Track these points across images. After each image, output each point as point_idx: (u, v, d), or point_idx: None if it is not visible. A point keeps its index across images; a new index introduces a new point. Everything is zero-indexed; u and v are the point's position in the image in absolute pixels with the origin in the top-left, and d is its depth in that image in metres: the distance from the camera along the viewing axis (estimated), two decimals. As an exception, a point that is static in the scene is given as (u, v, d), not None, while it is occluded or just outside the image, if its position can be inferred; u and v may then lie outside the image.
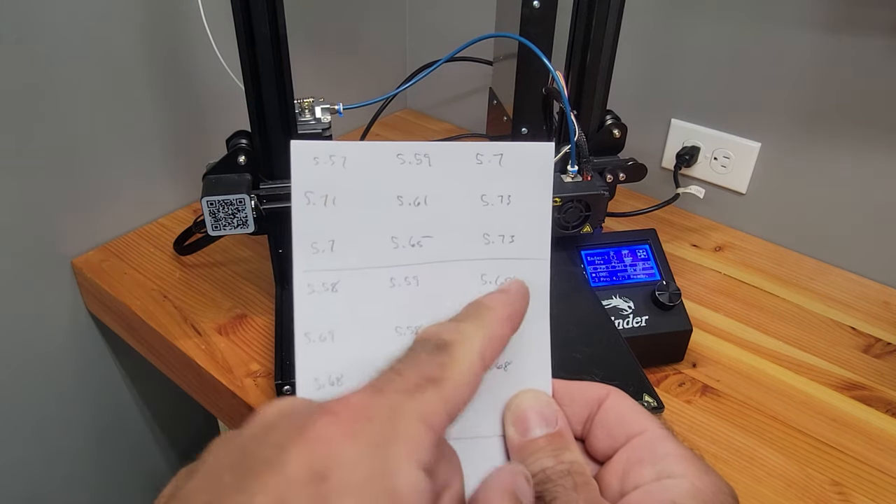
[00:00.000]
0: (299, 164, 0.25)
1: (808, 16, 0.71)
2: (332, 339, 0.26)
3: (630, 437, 0.26)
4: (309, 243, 0.26)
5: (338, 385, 0.25)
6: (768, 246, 0.83)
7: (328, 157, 0.25)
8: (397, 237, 0.26)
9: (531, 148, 0.27)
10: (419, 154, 0.26)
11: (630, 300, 0.62)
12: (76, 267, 0.76)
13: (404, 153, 0.26)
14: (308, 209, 0.25)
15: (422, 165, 0.26)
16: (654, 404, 0.48)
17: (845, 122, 0.73)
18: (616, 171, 0.66)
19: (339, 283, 0.26)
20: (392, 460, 0.18)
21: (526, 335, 0.27)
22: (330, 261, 0.26)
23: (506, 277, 0.27)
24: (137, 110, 0.76)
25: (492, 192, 0.27)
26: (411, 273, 0.26)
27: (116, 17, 0.71)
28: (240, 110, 0.58)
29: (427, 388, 0.20)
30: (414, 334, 0.26)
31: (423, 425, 0.20)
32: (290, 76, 0.56)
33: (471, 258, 0.27)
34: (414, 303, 0.26)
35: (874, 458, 0.55)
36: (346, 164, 0.25)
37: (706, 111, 0.83)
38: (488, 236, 0.27)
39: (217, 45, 0.65)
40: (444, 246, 0.27)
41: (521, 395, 0.27)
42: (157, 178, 0.82)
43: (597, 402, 0.28)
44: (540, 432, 0.26)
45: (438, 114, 1.13)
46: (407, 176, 0.26)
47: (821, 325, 0.70)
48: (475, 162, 0.26)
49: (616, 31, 0.62)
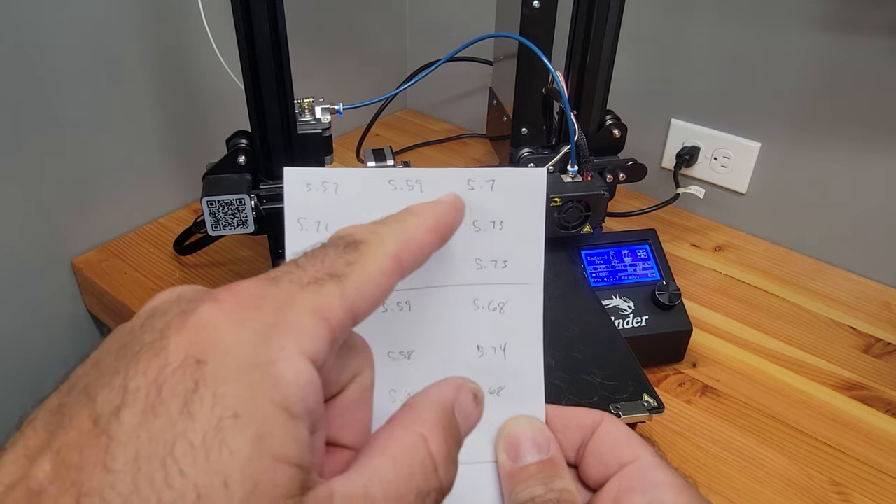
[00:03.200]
0: (292, 190, 0.25)
1: (808, 16, 0.71)
2: None
3: (622, 465, 0.26)
4: None
5: None
6: (768, 246, 0.83)
7: (321, 183, 0.25)
8: None
9: (523, 174, 0.27)
10: (411, 180, 0.26)
11: (630, 300, 0.62)
12: (76, 267, 0.76)
13: (396, 179, 0.26)
14: (301, 235, 0.25)
15: (413, 191, 0.26)
16: (654, 404, 0.48)
17: (845, 121, 0.73)
18: (616, 171, 0.66)
19: None
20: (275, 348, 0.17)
21: (519, 360, 0.27)
22: None
23: (499, 302, 0.27)
24: (137, 110, 0.76)
25: (484, 218, 0.27)
26: (403, 298, 0.26)
27: (116, 18, 0.71)
28: (240, 110, 0.58)
29: (327, 282, 0.19)
30: (407, 360, 0.26)
31: (314, 317, 0.18)
32: (290, 76, 0.56)
33: (463, 283, 0.27)
34: (406, 328, 0.26)
35: (874, 458, 0.55)
36: (339, 191, 0.25)
37: (706, 111, 0.83)
38: (481, 261, 0.27)
39: (217, 45, 0.65)
40: (437, 271, 0.26)
41: (514, 420, 0.27)
42: (157, 178, 0.82)
43: (590, 428, 0.27)
44: (532, 459, 0.26)
45: (438, 114, 1.13)
46: (399, 202, 0.25)
47: (821, 325, 0.70)
48: (467, 188, 0.26)
49: (616, 31, 0.62)
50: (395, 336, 0.26)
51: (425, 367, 0.26)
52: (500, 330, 0.27)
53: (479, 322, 0.27)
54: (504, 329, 0.27)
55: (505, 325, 0.27)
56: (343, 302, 0.19)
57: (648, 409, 0.48)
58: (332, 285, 0.19)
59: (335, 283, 0.19)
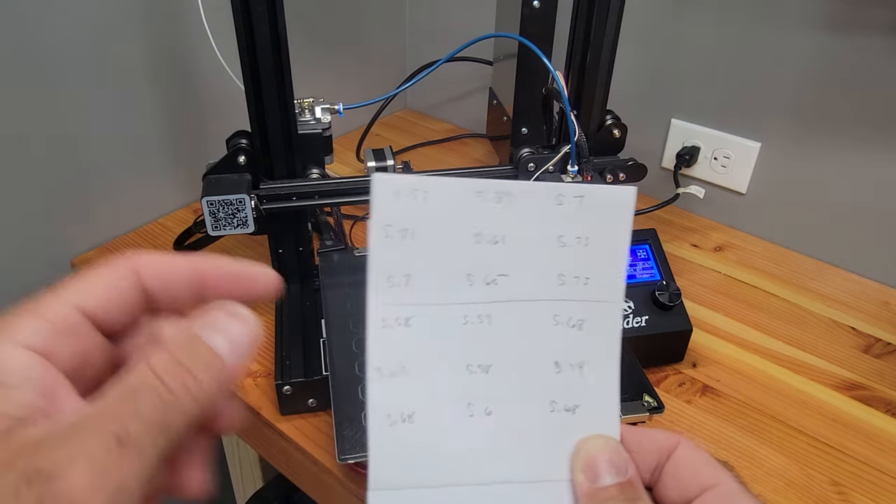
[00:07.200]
0: (380, 197, 0.25)
1: (809, 16, 0.71)
2: (405, 373, 0.26)
3: (703, 489, 0.26)
4: (385, 277, 0.26)
5: (409, 422, 0.25)
6: (768, 246, 0.83)
7: (411, 191, 0.25)
8: (473, 274, 0.26)
9: (614, 192, 0.27)
10: (500, 192, 0.26)
11: (630, 300, 0.62)
12: (76, 267, 0.76)
13: (485, 191, 0.26)
14: (386, 242, 0.25)
15: (501, 203, 0.26)
16: (654, 404, 0.48)
17: (845, 121, 0.73)
18: (616, 171, 0.66)
19: (413, 318, 0.26)
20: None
21: (595, 379, 0.27)
22: (405, 295, 0.26)
23: (578, 319, 0.27)
24: (137, 110, 0.76)
25: (570, 234, 0.27)
26: (484, 311, 0.26)
27: (116, 18, 0.71)
28: (240, 110, 0.58)
29: None
30: (485, 374, 0.26)
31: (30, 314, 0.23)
32: (290, 76, 0.56)
33: (545, 298, 0.27)
34: (486, 341, 0.26)
35: (874, 458, 0.55)
36: (427, 200, 0.25)
37: (706, 111, 0.83)
38: (563, 277, 0.27)
39: (217, 45, 0.65)
40: (519, 285, 0.27)
41: (590, 440, 0.27)
42: (157, 178, 0.82)
43: (666, 451, 0.27)
44: (611, 480, 0.26)
45: (438, 114, 1.13)
46: (486, 213, 0.26)
47: (821, 325, 0.70)
48: (556, 203, 0.26)
49: (616, 31, 0.62)
50: (474, 349, 0.26)
51: (503, 382, 0.27)
52: (578, 347, 0.27)
53: (559, 338, 0.27)
54: (582, 347, 0.27)
55: (583, 342, 0.27)
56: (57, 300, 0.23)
57: (648, 409, 0.48)
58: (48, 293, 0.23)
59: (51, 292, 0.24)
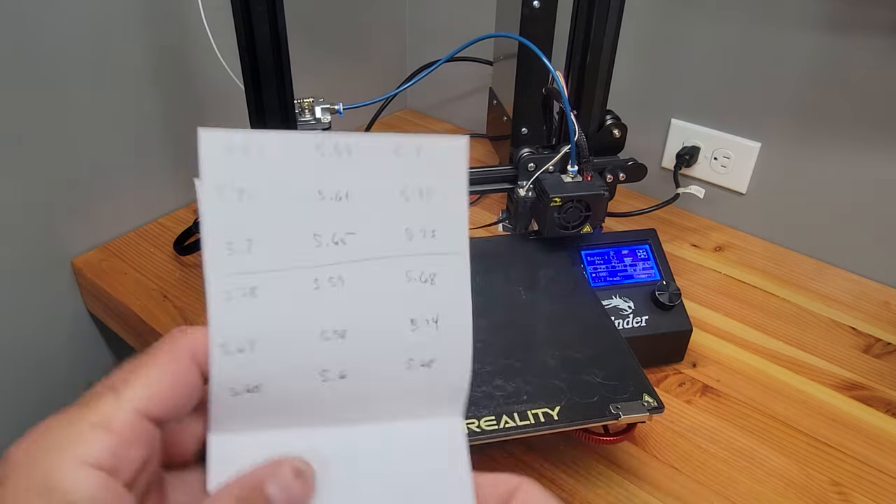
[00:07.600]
0: (210, 154, 0.24)
1: (808, 16, 0.71)
2: (252, 349, 0.24)
3: None
4: (224, 243, 0.24)
5: (255, 392, 0.24)
6: (768, 246, 0.83)
7: (242, 147, 0.24)
8: (319, 234, 0.25)
9: (446, 141, 0.26)
10: (340, 146, 0.25)
11: (630, 300, 0.62)
12: (76, 267, 0.76)
13: (323, 144, 0.25)
14: (221, 205, 0.24)
15: (342, 157, 0.25)
16: (654, 404, 0.48)
17: (845, 121, 0.73)
18: (616, 171, 0.66)
19: (259, 287, 0.24)
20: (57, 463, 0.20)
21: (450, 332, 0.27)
22: (248, 262, 0.24)
23: (430, 273, 0.26)
24: (137, 110, 0.76)
25: (411, 186, 0.26)
26: (336, 273, 0.25)
27: (116, 18, 0.71)
28: (240, 110, 0.58)
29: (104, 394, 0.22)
30: (341, 339, 0.25)
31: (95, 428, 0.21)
32: (290, 76, 0.56)
33: (395, 255, 0.26)
34: (340, 304, 0.25)
35: (874, 458, 0.55)
36: (264, 156, 0.24)
37: (706, 111, 0.83)
38: (410, 231, 0.26)
39: (217, 45, 0.65)
40: (368, 242, 0.26)
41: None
42: (157, 178, 0.82)
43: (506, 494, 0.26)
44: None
45: (438, 114, 1.13)
46: (327, 169, 0.25)
47: (821, 325, 0.70)
48: (395, 155, 0.25)
49: (616, 31, 0.62)
50: (328, 314, 0.25)
51: (360, 346, 0.26)
52: (432, 302, 0.26)
53: (413, 295, 0.26)
54: (436, 301, 0.26)
55: (436, 296, 0.26)
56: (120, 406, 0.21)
57: (648, 409, 0.48)
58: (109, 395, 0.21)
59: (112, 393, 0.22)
